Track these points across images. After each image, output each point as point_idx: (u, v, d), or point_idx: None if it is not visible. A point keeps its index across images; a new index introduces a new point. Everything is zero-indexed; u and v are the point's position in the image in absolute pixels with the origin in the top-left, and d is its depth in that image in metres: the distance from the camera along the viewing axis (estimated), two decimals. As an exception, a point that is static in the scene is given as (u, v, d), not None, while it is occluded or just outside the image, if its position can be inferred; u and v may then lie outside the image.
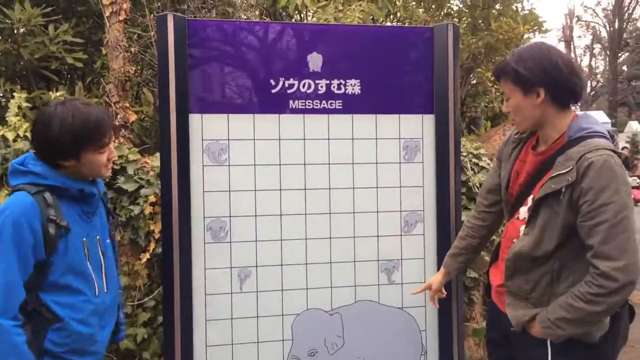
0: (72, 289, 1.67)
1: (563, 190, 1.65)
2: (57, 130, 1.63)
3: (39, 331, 1.62)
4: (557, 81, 1.71)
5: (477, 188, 3.09)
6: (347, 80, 2.35)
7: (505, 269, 1.82)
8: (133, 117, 3.53)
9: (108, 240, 1.87)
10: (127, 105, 3.59)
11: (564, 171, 1.66)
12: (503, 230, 1.97)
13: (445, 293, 2.23)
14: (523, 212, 1.83)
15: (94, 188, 1.76)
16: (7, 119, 2.83)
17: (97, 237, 1.79)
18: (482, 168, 3.21)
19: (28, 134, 2.75)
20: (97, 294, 1.73)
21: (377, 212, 2.38)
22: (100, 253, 1.79)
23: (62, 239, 1.64)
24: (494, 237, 3.08)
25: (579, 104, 1.83)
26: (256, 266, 2.30)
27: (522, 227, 1.80)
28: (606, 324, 1.74)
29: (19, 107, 2.85)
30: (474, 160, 3.21)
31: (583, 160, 1.62)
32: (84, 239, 1.72)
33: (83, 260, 1.70)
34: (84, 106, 1.69)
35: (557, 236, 1.69)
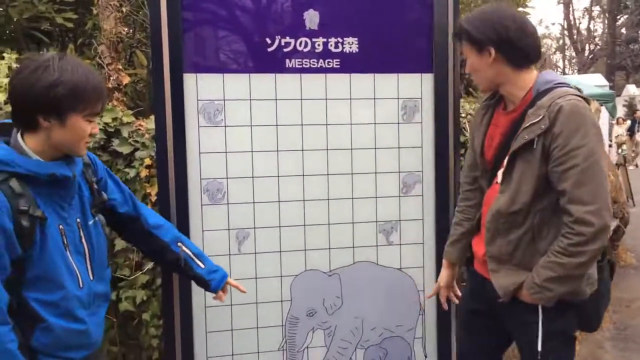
0: (53, 284, 1.51)
1: (536, 139, 1.67)
2: (55, 76, 1.42)
3: (25, 330, 1.49)
4: (505, 40, 1.74)
5: (476, 149, 3.07)
6: (345, 39, 2.29)
7: (485, 233, 1.83)
8: (126, 80, 3.46)
9: (92, 222, 1.66)
10: (120, 67, 3.52)
11: (536, 120, 1.68)
12: (484, 200, 1.96)
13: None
14: (500, 175, 1.83)
15: (68, 169, 1.54)
16: (-3, 80, 2.78)
17: (77, 220, 1.61)
18: (481, 129, 3.18)
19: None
20: (81, 285, 1.58)
21: (376, 173, 2.36)
22: (83, 238, 1.61)
23: (38, 229, 1.46)
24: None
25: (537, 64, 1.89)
26: (254, 228, 2.28)
27: (499, 187, 1.81)
28: (595, 280, 1.77)
29: (9, 68, 2.79)
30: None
31: (553, 106, 1.65)
32: (60, 226, 1.54)
33: (61, 250, 1.53)
34: (85, 65, 1.52)
35: (532, 188, 1.71)
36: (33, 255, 1.47)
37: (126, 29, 3.66)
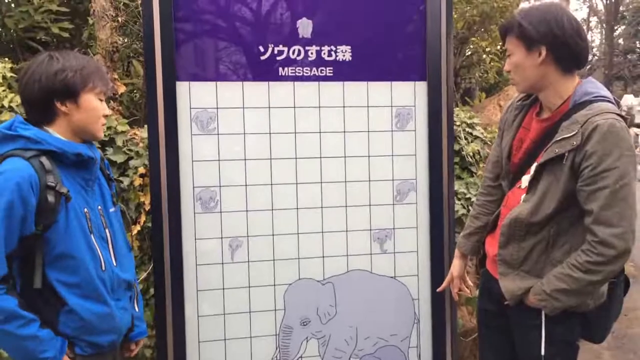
0: (75, 264, 1.56)
1: (566, 154, 1.62)
2: (60, 63, 1.57)
3: (50, 315, 1.54)
4: (560, 41, 1.66)
5: (471, 157, 3.07)
6: (338, 47, 2.29)
7: (500, 236, 1.80)
8: (122, 89, 3.46)
9: (112, 210, 1.76)
10: (116, 76, 3.52)
11: (568, 135, 1.62)
12: (503, 200, 1.93)
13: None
14: (525, 180, 1.79)
15: (91, 152, 1.64)
16: (-9, 89, 2.78)
17: (99, 207, 1.69)
18: (476, 137, 3.18)
19: (13, 105, 2.69)
20: (103, 268, 1.63)
21: (369, 181, 2.36)
22: (104, 224, 1.69)
23: (62, 209, 1.52)
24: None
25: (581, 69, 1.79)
26: (247, 236, 2.27)
27: (523, 196, 1.77)
28: (603, 293, 1.75)
29: (4, 77, 2.79)
30: (467, 129, 3.17)
31: (589, 124, 1.58)
32: (85, 209, 1.61)
33: (86, 232, 1.59)
34: (80, 54, 1.67)
35: (556, 203, 1.67)
36: (57, 234, 1.53)
37: (123, 39, 3.67)
